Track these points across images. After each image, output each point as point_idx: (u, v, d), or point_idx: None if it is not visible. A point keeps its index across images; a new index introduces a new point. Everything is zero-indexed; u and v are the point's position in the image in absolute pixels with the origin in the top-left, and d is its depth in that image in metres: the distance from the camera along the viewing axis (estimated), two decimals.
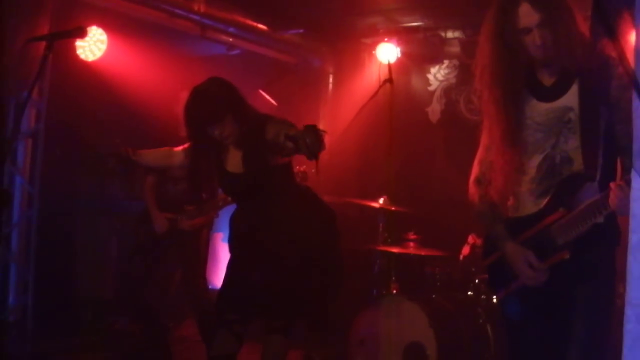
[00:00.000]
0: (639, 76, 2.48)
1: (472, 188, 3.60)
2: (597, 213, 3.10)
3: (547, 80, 3.39)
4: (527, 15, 3.24)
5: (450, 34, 8.13)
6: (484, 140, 3.58)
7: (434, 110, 8.60)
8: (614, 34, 2.37)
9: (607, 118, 3.21)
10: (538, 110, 3.37)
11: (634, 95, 2.45)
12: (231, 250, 4.58)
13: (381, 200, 6.63)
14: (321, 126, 8.55)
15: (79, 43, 6.33)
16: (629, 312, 2.47)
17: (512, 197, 3.46)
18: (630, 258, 2.51)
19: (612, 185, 3.00)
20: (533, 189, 3.38)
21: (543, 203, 3.33)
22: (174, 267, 6.44)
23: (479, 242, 6.22)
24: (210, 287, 6.46)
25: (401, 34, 8.21)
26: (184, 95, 6.23)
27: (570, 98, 3.29)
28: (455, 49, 8.17)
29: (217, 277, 7.18)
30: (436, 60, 8.55)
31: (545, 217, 3.30)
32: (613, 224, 3.22)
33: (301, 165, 6.10)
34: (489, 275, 3.78)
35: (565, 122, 3.28)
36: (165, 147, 4.99)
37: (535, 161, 3.37)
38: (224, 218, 6.52)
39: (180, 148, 4.75)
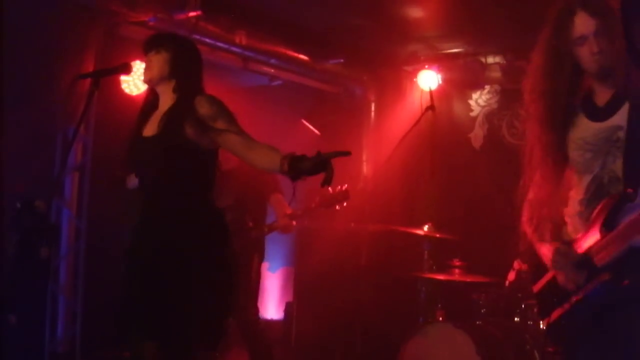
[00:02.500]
0: None
1: (525, 229, 3.57)
2: (636, 232, 3.06)
3: (601, 100, 3.35)
4: (584, 24, 3.24)
5: (490, 59, 8.10)
6: (526, 177, 3.56)
7: (477, 136, 8.58)
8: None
9: None
10: (590, 130, 3.34)
11: None
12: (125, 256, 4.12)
13: (426, 228, 6.63)
14: (364, 155, 8.71)
15: (123, 78, 6.43)
16: None
17: (567, 221, 3.44)
18: None
19: None
20: (582, 212, 3.34)
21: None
22: None
23: (524, 267, 6.17)
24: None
25: (442, 61, 8.22)
26: None
27: (621, 117, 3.25)
28: (496, 74, 8.14)
29: (264, 306, 7.24)
30: (477, 85, 8.54)
31: (588, 240, 3.26)
32: None
33: (343, 184, 6.14)
34: (538, 302, 3.73)
35: (614, 141, 3.24)
36: None
37: (585, 182, 3.35)
38: (269, 247, 6.60)
39: None
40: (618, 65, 3.21)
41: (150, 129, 4.05)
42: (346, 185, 6.12)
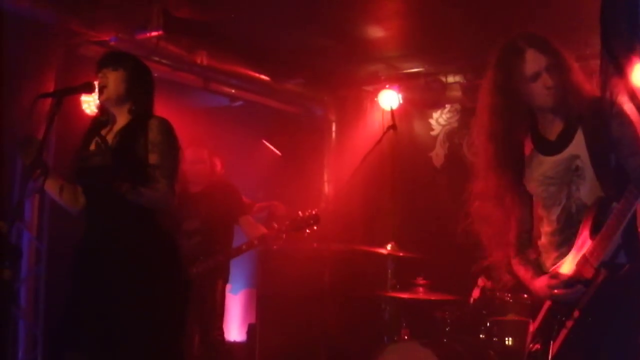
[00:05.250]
0: None
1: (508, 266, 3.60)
2: (625, 212, 3.08)
3: (551, 133, 3.42)
4: (535, 60, 3.30)
5: (451, 79, 8.18)
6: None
7: (438, 154, 8.63)
8: (622, 70, 2.40)
9: (615, 157, 3.23)
10: (546, 164, 3.40)
11: None
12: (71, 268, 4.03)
13: (389, 247, 6.63)
14: (326, 175, 8.69)
15: (84, 98, 6.36)
16: None
17: (542, 251, 3.49)
18: None
19: None
20: (553, 241, 3.41)
21: (563, 251, 3.34)
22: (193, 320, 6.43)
23: (489, 284, 6.19)
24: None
25: (402, 80, 8.27)
26: (188, 154, 6.32)
27: (576, 146, 3.32)
28: (457, 93, 8.21)
29: (226, 328, 7.17)
30: (438, 105, 8.60)
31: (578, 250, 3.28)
32: (638, 266, 3.24)
33: (312, 209, 6.14)
34: (541, 338, 3.54)
35: (574, 171, 3.31)
36: None
37: (554, 214, 3.40)
38: (234, 270, 6.56)
39: None
40: (570, 97, 3.29)
41: (95, 144, 4.02)
42: (316, 209, 6.11)
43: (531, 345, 3.47)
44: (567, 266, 3.30)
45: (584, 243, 3.25)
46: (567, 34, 3.45)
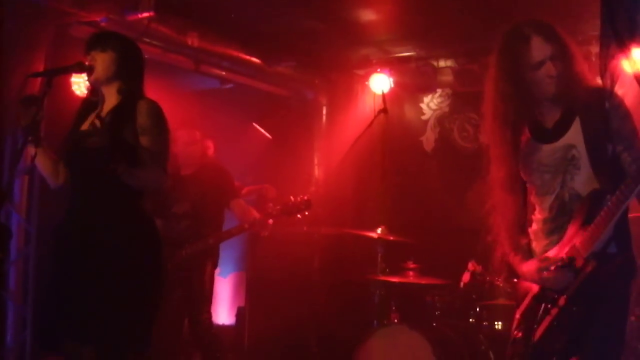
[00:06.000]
0: None
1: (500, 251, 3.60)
2: (619, 205, 3.09)
3: (548, 121, 3.44)
4: (540, 48, 3.31)
5: (442, 63, 8.16)
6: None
7: (428, 139, 8.63)
8: (624, 44, 2.39)
9: (611, 149, 3.24)
10: (543, 152, 3.42)
11: None
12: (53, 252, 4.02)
13: (379, 230, 6.62)
14: (316, 159, 8.69)
15: (74, 79, 6.31)
16: None
17: (532, 239, 3.50)
18: None
19: None
20: (545, 229, 3.43)
21: (554, 238, 3.36)
22: (181, 304, 6.42)
23: (479, 269, 6.20)
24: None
25: (393, 64, 8.23)
26: (180, 135, 6.30)
27: (572, 136, 3.33)
28: (448, 77, 8.19)
29: (215, 311, 7.16)
30: (429, 89, 8.60)
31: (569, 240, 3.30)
32: (628, 256, 3.29)
33: (304, 194, 6.13)
34: (524, 325, 3.55)
35: (570, 160, 3.33)
36: None
37: (547, 202, 3.42)
38: (223, 253, 6.55)
39: None
40: (572, 87, 3.30)
41: (89, 125, 3.97)
42: (308, 195, 6.11)
43: (515, 332, 3.48)
44: (557, 253, 3.32)
45: (575, 233, 3.26)
46: (558, 21, 3.42)
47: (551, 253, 3.35)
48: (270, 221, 6.24)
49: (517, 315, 3.56)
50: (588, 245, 3.18)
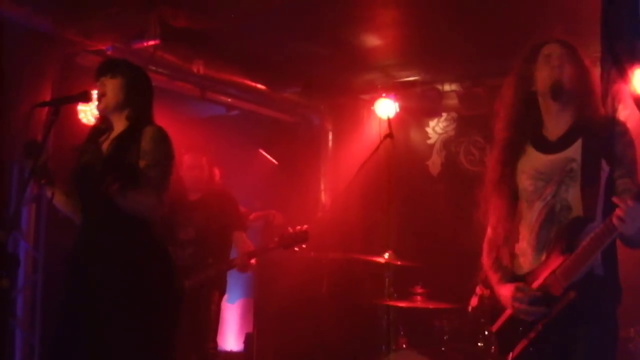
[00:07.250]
0: None
1: (485, 265, 3.61)
2: (604, 239, 3.09)
3: (552, 134, 3.45)
4: (551, 47, 3.42)
5: (447, 87, 8.18)
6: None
7: (435, 163, 8.63)
8: (625, 73, 2.41)
9: (608, 173, 3.26)
10: (541, 161, 3.42)
11: None
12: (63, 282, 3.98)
13: (386, 255, 6.60)
14: (323, 184, 8.68)
15: (80, 107, 6.35)
16: None
17: (517, 252, 3.48)
18: None
19: (615, 199, 3.02)
20: (533, 240, 3.40)
21: (543, 257, 3.33)
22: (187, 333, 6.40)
23: (487, 293, 6.17)
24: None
25: (399, 89, 8.25)
26: (186, 159, 6.30)
27: (574, 151, 3.34)
28: (453, 101, 8.21)
29: (223, 338, 7.15)
30: (434, 113, 8.60)
31: (549, 266, 3.28)
32: (614, 279, 3.29)
33: (302, 225, 6.10)
34: (498, 340, 3.69)
35: (568, 172, 3.32)
36: None
37: (536, 209, 3.40)
38: (230, 279, 6.52)
39: None
40: (584, 111, 3.35)
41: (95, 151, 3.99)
42: (306, 225, 6.08)
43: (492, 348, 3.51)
44: (535, 281, 3.31)
45: (554, 260, 3.25)
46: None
47: (530, 277, 3.34)
48: (253, 261, 6.19)
49: (493, 330, 3.57)
50: (569, 276, 3.18)
